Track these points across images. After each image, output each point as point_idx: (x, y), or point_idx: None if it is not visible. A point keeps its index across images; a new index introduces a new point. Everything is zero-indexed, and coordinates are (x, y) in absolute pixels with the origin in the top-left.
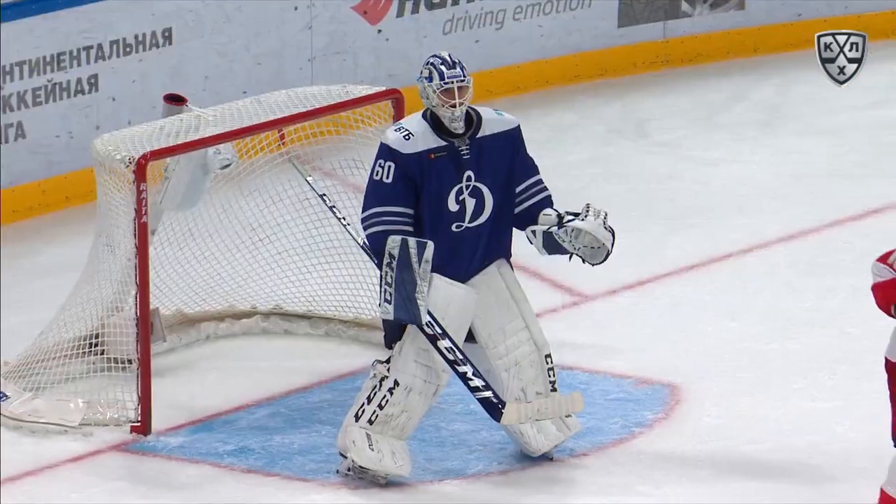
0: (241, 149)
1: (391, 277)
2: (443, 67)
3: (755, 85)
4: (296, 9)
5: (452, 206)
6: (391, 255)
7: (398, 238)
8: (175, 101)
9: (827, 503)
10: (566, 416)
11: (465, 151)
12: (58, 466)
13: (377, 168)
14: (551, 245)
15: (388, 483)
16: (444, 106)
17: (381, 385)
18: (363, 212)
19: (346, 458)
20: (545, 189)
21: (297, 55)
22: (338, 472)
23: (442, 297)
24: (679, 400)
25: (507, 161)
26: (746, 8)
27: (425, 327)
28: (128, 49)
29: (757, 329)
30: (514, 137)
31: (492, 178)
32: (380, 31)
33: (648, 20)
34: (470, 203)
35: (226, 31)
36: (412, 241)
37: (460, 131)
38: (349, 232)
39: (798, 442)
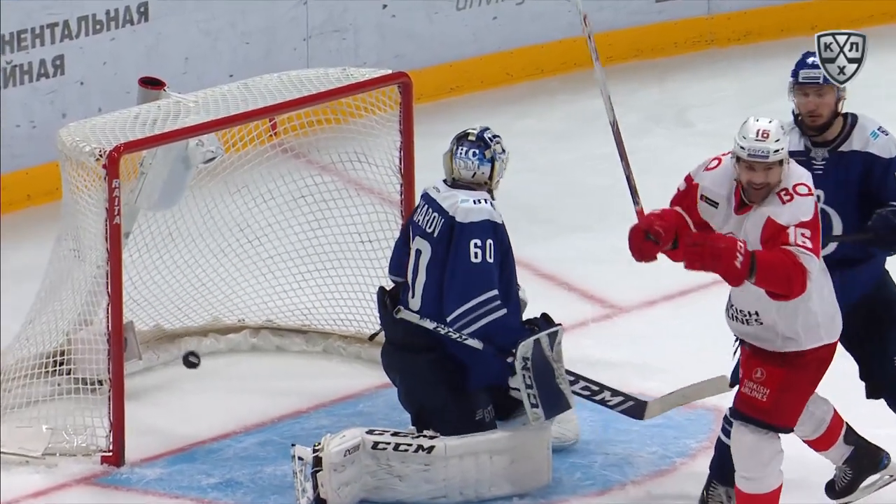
0: (227, 140)
1: (531, 380)
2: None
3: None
4: None
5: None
6: (525, 360)
7: (529, 342)
8: (152, 85)
9: None
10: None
11: None
12: (18, 502)
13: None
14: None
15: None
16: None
17: (419, 436)
18: (477, 298)
19: (316, 451)
20: None
21: (291, 33)
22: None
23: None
24: None
25: None
26: None
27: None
28: (98, 27)
29: None
30: None
31: None
32: (385, 6)
33: None
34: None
35: (209, 6)
36: (544, 338)
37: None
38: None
39: None
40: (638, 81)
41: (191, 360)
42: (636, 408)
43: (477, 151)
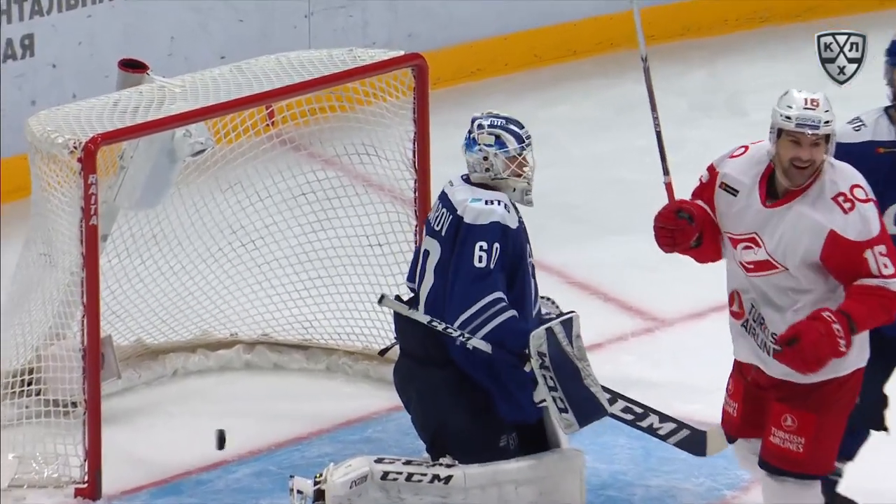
0: (217, 130)
1: (553, 381)
2: (515, 128)
3: (880, 47)
4: None
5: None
6: (542, 356)
7: (541, 332)
8: (133, 68)
9: None
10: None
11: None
12: None
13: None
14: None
15: None
16: (520, 176)
17: (435, 464)
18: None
19: (318, 483)
20: None
21: (291, 10)
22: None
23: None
24: None
25: None
26: None
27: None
28: (72, 2)
29: None
30: None
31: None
32: None
33: None
34: (532, 285)
35: None
36: (557, 327)
37: (531, 205)
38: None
39: None
40: (684, 64)
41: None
42: (693, 439)
43: (467, 136)
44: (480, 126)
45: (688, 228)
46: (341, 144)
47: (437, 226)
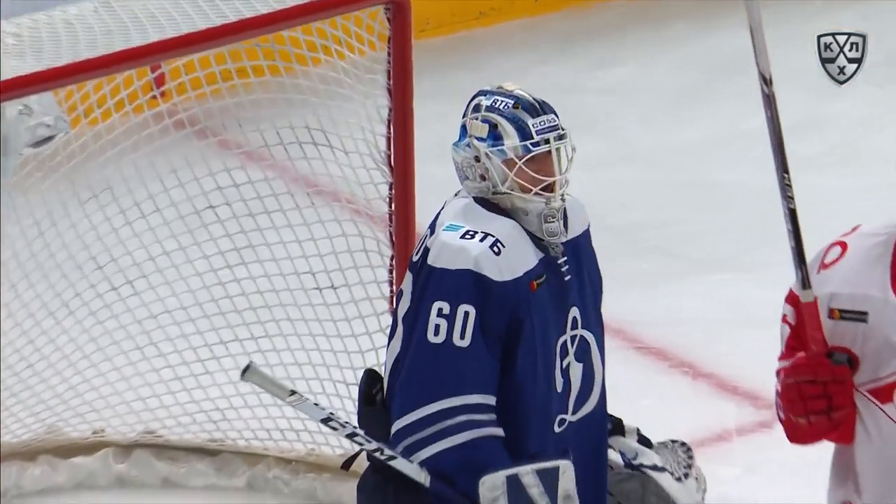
0: (74, 105)
1: None
2: (526, 115)
3: None
4: None
5: (557, 382)
6: None
7: (499, 478)
8: None
9: None
10: None
11: (564, 268)
12: None
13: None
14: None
15: None
16: (529, 192)
17: None
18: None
19: None
20: None
21: None
22: None
23: None
24: None
25: (598, 278)
26: None
27: None
28: None
29: None
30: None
31: (596, 318)
32: None
33: None
34: (576, 371)
35: None
36: (528, 475)
37: (562, 237)
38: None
39: None
40: (817, 4)
41: None
42: None
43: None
44: (476, 107)
45: (849, 381)
46: (273, 128)
47: (416, 254)
